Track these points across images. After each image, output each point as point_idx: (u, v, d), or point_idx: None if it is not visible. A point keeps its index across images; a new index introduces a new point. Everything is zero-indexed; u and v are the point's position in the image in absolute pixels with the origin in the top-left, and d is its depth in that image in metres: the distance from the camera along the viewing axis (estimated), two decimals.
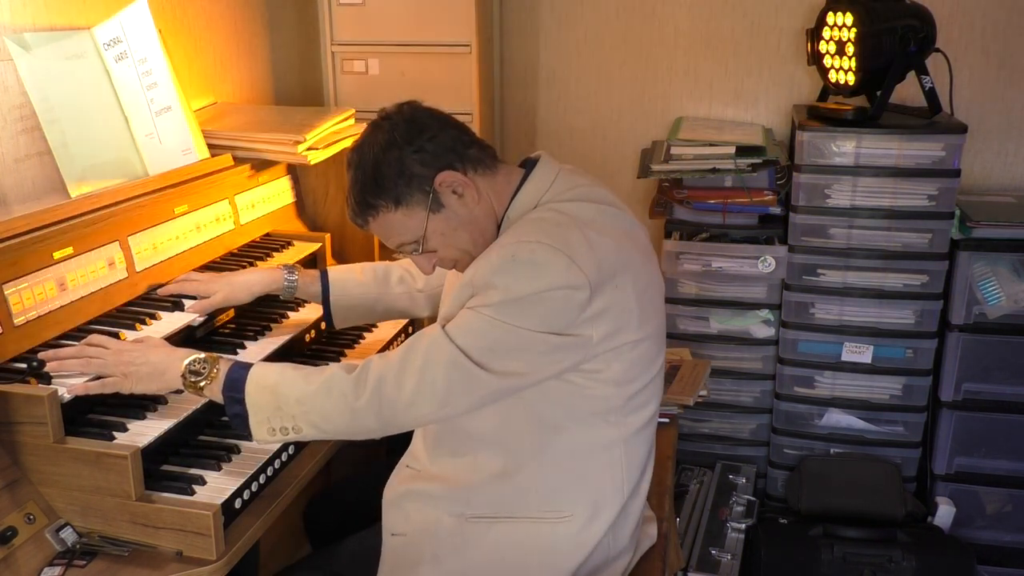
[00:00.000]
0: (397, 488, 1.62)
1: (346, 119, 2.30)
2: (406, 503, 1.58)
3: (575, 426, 1.47)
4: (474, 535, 1.51)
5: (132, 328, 1.71)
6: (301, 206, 2.47)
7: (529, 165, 1.54)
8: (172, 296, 1.83)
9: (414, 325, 2.18)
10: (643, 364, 1.49)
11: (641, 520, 1.64)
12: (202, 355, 1.52)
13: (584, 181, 1.55)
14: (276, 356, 1.86)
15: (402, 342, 2.09)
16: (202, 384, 1.49)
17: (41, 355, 1.54)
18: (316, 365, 1.54)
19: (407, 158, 1.45)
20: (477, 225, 1.50)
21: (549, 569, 1.50)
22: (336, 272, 1.89)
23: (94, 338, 1.59)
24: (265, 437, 1.47)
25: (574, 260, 1.36)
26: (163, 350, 1.56)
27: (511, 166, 1.56)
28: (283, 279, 1.87)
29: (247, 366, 1.49)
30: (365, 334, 2.10)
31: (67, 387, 1.48)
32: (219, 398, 1.49)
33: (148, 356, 1.54)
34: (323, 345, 2.02)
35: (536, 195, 1.50)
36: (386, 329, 2.12)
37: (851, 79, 2.53)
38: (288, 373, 1.47)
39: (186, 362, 1.51)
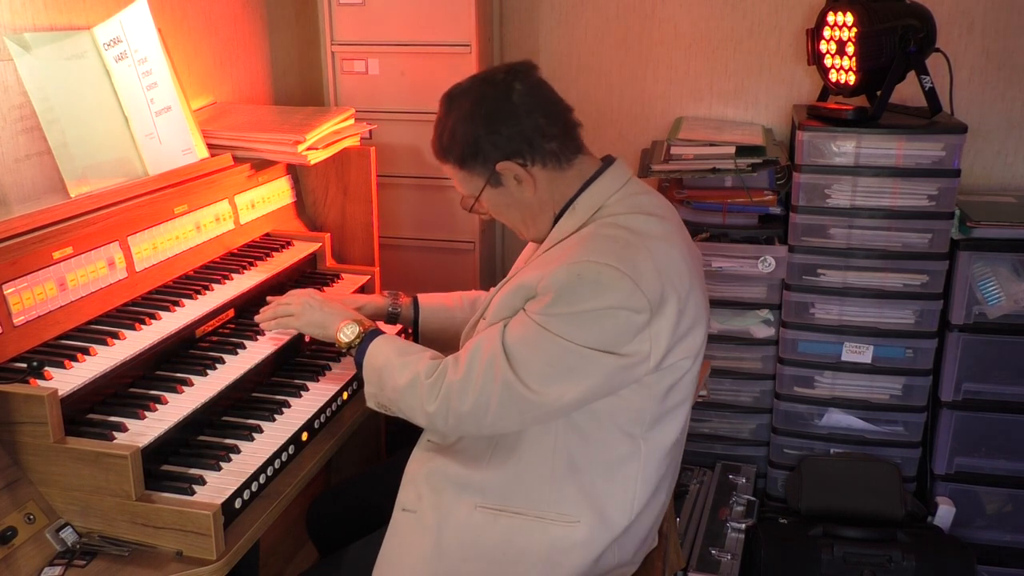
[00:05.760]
0: (416, 463, 1.63)
1: (346, 119, 2.30)
2: (421, 481, 1.59)
3: (600, 434, 1.48)
4: (482, 524, 1.52)
5: (132, 328, 1.71)
6: (301, 206, 2.47)
7: (607, 162, 1.59)
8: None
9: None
10: (683, 383, 1.52)
11: (651, 537, 1.65)
12: (355, 323, 1.70)
13: (651, 192, 1.60)
14: (275, 356, 1.86)
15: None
16: (345, 347, 1.69)
17: (257, 316, 1.84)
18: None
19: (482, 137, 1.51)
20: (530, 210, 1.58)
21: (551, 570, 1.51)
22: (427, 298, 1.96)
23: (292, 291, 1.85)
24: (374, 407, 1.64)
25: (639, 285, 1.39)
26: (335, 307, 1.77)
27: (591, 158, 1.60)
28: (387, 306, 1.94)
29: (374, 338, 1.65)
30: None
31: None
32: (355, 364, 1.68)
33: (323, 306, 1.77)
34: (322, 345, 2.02)
35: (605, 193, 1.54)
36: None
37: (851, 79, 2.53)
38: (392, 360, 1.58)
39: (341, 325, 1.70)
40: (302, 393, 1.82)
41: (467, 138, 1.52)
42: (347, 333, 1.69)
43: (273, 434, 1.68)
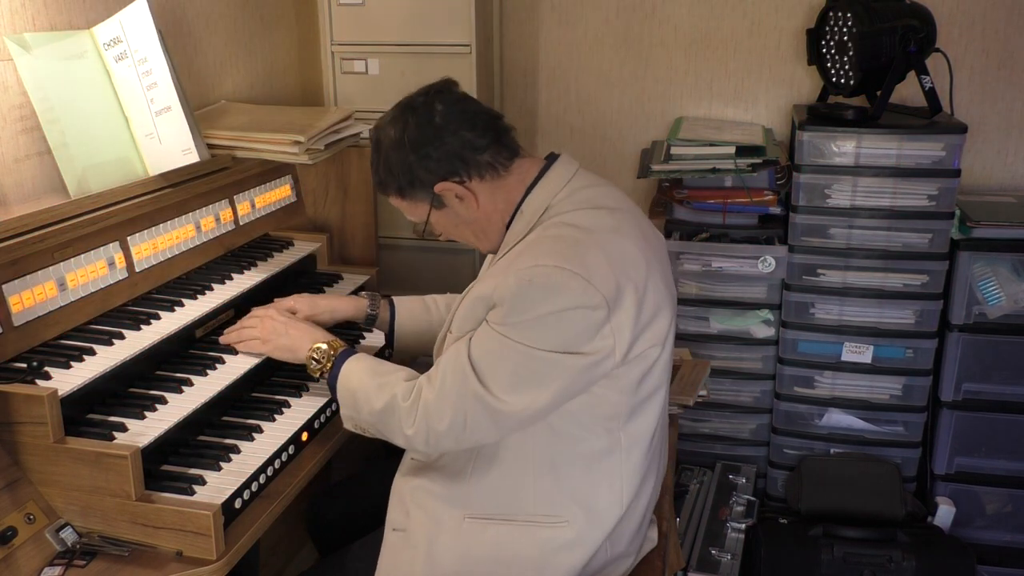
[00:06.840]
0: (401, 482, 1.63)
1: (346, 119, 2.29)
2: (408, 498, 1.59)
3: (577, 432, 1.48)
4: (471, 534, 1.52)
5: (132, 328, 1.71)
6: (301, 206, 2.47)
7: (550, 160, 1.57)
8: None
9: None
10: (654, 371, 1.50)
11: (644, 527, 1.64)
12: (325, 344, 1.67)
13: (600, 183, 1.58)
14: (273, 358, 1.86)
15: None
16: (317, 371, 1.67)
17: (222, 339, 1.80)
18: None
19: (413, 163, 1.51)
20: (478, 224, 1.57)
21: (546, 572, 1.51)
22: (403, 301, 1.94)
23: (255, 310, 1.81)
24: (352, 429, 1.64)
25: (591, 282, 1.38)
26: (302, 329, 1.73)
27: (531, 159, 1.58)
28: (367, 309, 1.92)
29: (345, 360, 1.63)
30: (366, 334, 2.09)
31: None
32: (328, 387, 1.66)
33: (288, 330, 1.73)
34: None
35: (551, 191, 1.52)
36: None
37: (851, 79, 2.53)
38: (366, 382, 1.57)
39: (310, 348, 1.68)
40: (302, 393, 1.82)
41: (401, 168, 1.53)
42: (317, 357, 1.67)
43: (273, 434, 1.68)
